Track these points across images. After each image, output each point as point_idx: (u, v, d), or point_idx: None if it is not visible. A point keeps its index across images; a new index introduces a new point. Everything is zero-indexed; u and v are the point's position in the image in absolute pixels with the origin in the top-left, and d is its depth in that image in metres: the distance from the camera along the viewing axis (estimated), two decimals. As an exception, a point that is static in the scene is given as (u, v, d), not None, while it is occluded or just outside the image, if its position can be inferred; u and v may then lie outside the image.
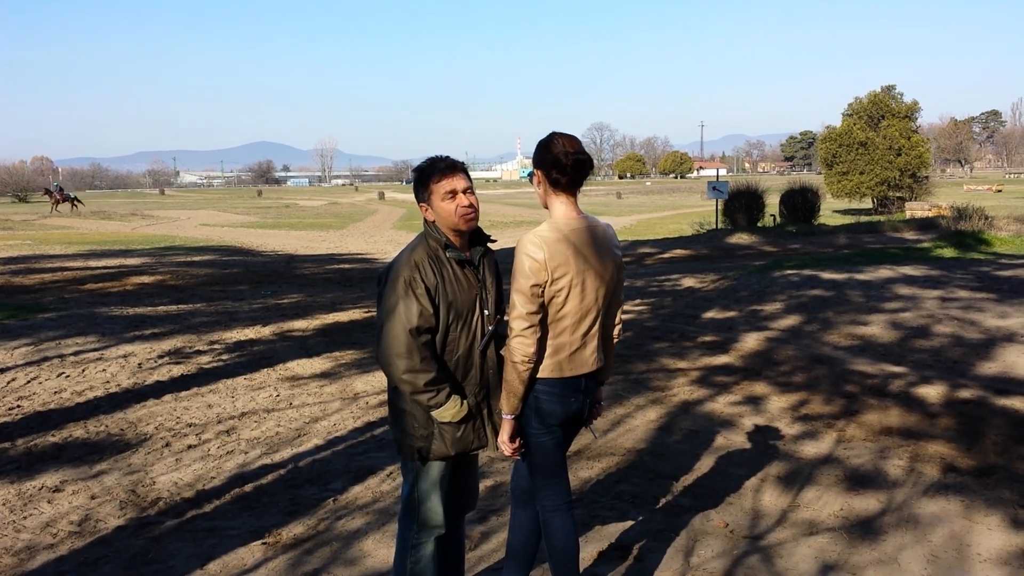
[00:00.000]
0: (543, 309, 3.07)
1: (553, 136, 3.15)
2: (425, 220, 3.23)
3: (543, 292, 3.05)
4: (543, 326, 3.10)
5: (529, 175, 3.24)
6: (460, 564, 3.65)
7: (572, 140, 3.13)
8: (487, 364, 3.25)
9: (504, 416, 3.17)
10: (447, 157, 3.23)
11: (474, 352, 3.21)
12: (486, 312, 3.23)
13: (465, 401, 3.18)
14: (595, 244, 3.16)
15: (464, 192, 3.17)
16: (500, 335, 3.27)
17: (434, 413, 3.13)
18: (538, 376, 3.15)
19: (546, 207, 3.20)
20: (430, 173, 3.18)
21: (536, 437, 3.23)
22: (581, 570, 3.53)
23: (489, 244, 3.36)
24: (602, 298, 3.20)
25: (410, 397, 3.13)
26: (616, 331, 3.43)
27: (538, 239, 3.05)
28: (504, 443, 3.21)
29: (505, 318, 3.19)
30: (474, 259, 3.24)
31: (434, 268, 3.12)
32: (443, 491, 3.31)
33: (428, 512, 3.29)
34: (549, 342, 3.14)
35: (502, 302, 3.34)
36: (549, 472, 3.30)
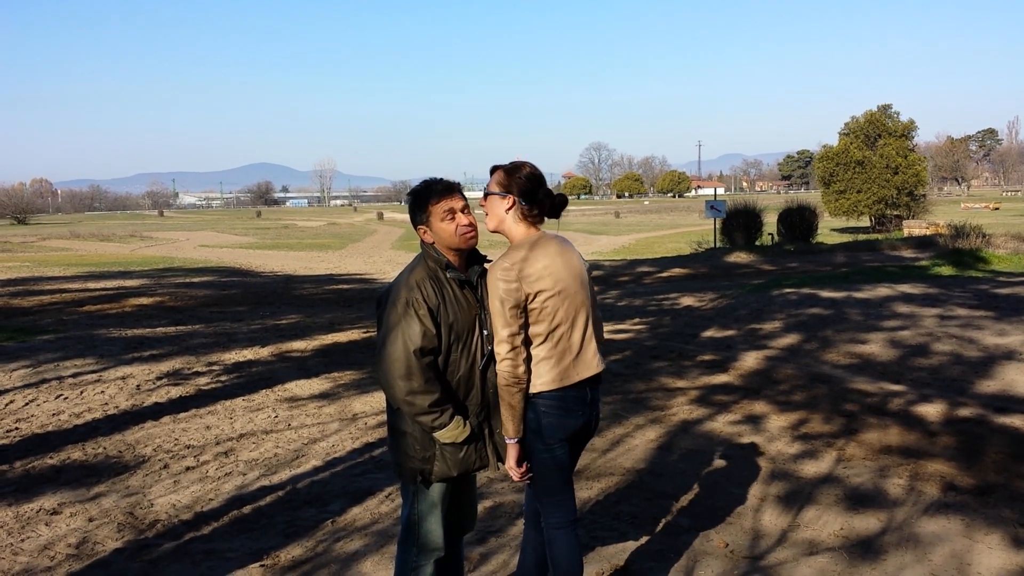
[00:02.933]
0: (523, 330, 3.08)
1: (524, 165, 3.21)
2: (423, 242, 3.24)
3: (523, 312, 3.07)
4: (527, 347, 3.11)
5: (485, 195, 3.25)
6: None
7: (539, 173, 3.22)
8: (487, 384, 3.24)
9: (508, 441, 3.16)
10: (442, 179, 3.25)
11: (474, 373, 3.19)
12: (485, 332, 3.21)
13: (467, 422, 3.17)
14: (561, 250, 3.21)
15: (462, 211, 3.18)
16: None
17: (437, 435, 3.11)
18: (543, 389, 3.14)
19: (496, 231, 3.24)
20: (428, 195, 3.19)
21: (540, 453, 3.21)
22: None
23: (486, 264, 3.35)
24: (587, 297, 3.26)
25: (413, 419, 3.11)
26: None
27: (507, 263, 3.08)
28: (512, 468, 3.20)
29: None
30: (472, 279, 3.24)
31: (435, 288, 3.11)
32: (443, 513, 3.29)
33: (428, 535, 3.28)
34: (550, 352, 3.13)
35: None
36: (555, 489, 3.28)
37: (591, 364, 3.24)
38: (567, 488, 3.31)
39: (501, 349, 3.06)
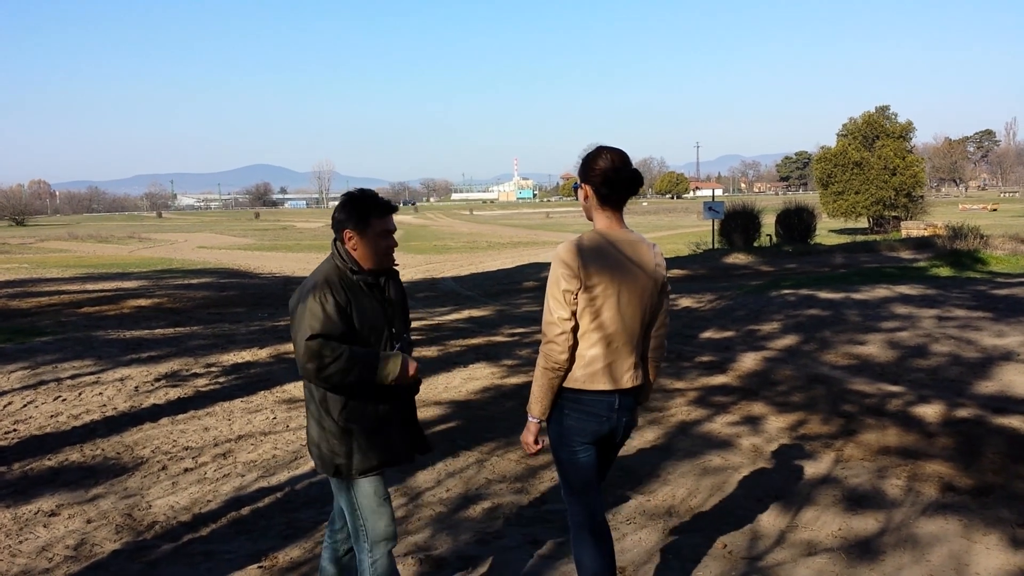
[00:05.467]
0: (575, 317, 3.05)
1: (600, 150, 3.15)
2: (336, 243, 3.32)
3: (576, 299, 3.03)
4: (575, 335, 3.07)
5: (575, 188, 3.23)
6: None
7: (620, 154, 3.14)
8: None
9: (530, 419, 3.18)
10: (378, 196, 3.34)
11: None
12: (394, 330, 3.35)
13: (400, 355, 3.24)
14: (635, 259, 3.12)
15: (393, 234, 3.33)
16: (407, 351, 3.42)
17: (379, 375, 3.17)
18: (570, 387, 3.11)
19: (590, 219, 3.21)
20: (372, 208, 3.27)
21: (564, 455, 3.20)
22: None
23: (393, 270, 3.46)
24: (640, 314, 3.13)
25: (346, 383, 3.16)
26: (655, 353, 3.34)
27: (573, 246, 3.05)
28: (527, 443, 3.22)
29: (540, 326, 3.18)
30: (380, 282, 3.36)
31: (343, 287, 3.22)
32: (386, 501, 3.35)
33: (375, 528, 3.32)
34: (583, 352, 3.09)
35: (407, 321, 3.50)
36: (578, 489, 3.24)
37: (622, 378, 3.14)
38: (589, 490, 3.25)
39: (550, 330, 3.05)
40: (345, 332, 3.16)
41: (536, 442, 3.21)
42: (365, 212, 3.26)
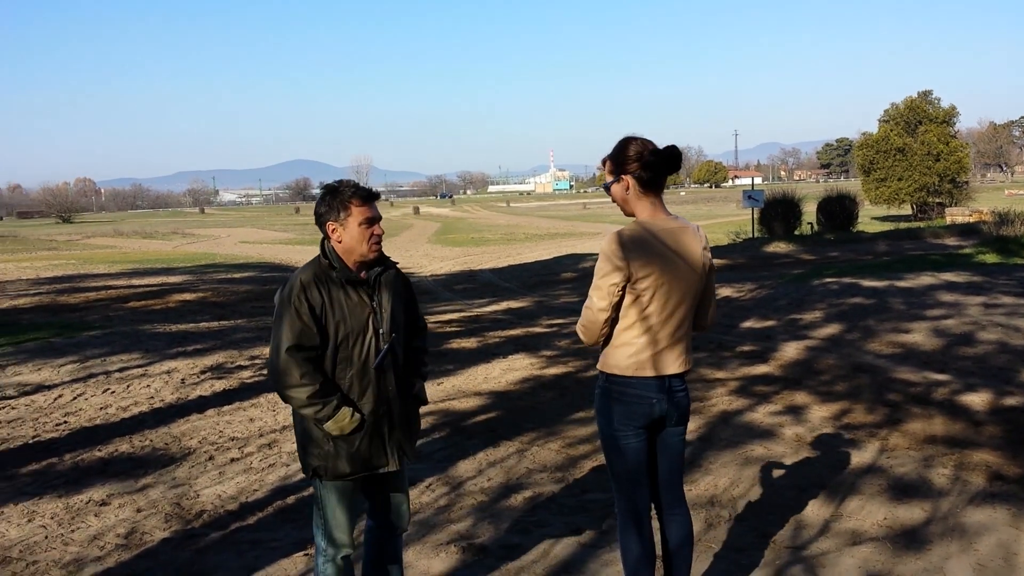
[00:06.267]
0: (614, 309, 3.06)
1: (627, 139, 3.14)
2: (323, 241, 3.28)
3: (622, 290, 3.03)
4: (613, 324, 3.10)
5: (606, 187, 3.20)
6: None
7: (648, 141, 3.13)
8: (386, 381, 3.28)
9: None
10: (358, 184, 3.29)
11: (368, 371, 3.23)
12: (380, 331, 3.26)
13: (357, 415, 3.20)
14: (683, 245, 3.11)
15: (378, 222, 3.26)
16: (396, 352, 3.31)
17: (326, 426, 3.16)
18: (617, 373, 3.12)
19: (630, 215, 3.18)
20: (351, 196, 3.22)
21: (612, 441, 3.20)
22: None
23: (390, 265, 3.40)
24: (689, 300, 3.14)
25: (299, 411, 3.19)
26: (700, 326, 3.32)
27: (621, 238, 3.05)
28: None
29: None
30: (369, 279, 3.29)
31: (321, 289, 3.17)
32: (349, 511, 3.37)
33: (333, 531, 3.36)
34: (631, 340, 3.09)
35: (400, 320, 3.36)
36: (628, 477, 3.23)
37: (675, 361, 3.14)
38: (638, 479, 3.24)
39: (586, 315, 3.10)
40: (319, 339, 3.15)
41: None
42: (345, 200, 3.20)
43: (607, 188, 3.21)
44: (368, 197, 3.25)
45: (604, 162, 3.23)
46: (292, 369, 3.10)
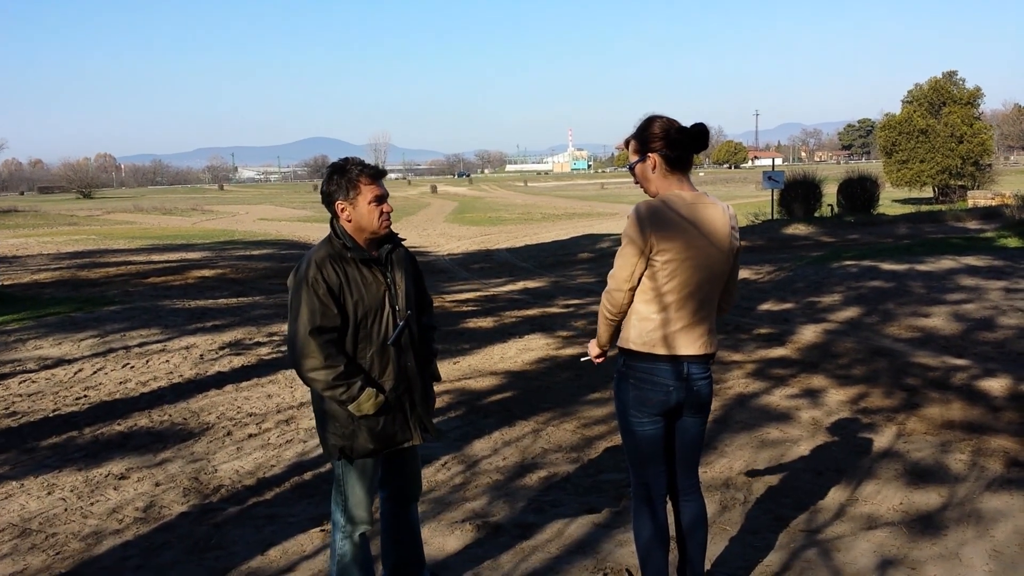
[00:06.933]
0: (638, 280, 3.04)
1: (651, 118, 3.11)
2: (332, 221, 3.30)
3: (646, 263, 3.00)
4: (633, 294, 3.07)
5: (631, 167, 3.15)
6: (417, 549, 3.73)
7: (673, 119, 3.10)
8: (405, 358, 3.31)
9: (592, 345, 3.32)
10: (364, 162, 3.31)
11: (387, 348, 3.25)
12: (396, 307, 3.28)
13: (381, 394, 3.22)
14: (708, 222, 3.05)
15: (386, 199, 3.28)
16: (412, 329, 3.35)
17: (350, 407, 3.17)
18: (633, 348, 3.08)
19: (655, 193, 3.12)
20: (359, 174, 3.23)
21: (629, 425, 3.19)
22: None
23: (398, 242, 3.42)
24: (712, 279, 3.09)
25: (323, 393, 3.19)
26: (721, 308, 3.28)
27: (646, 209, 3.01)
28: (592, 357, 3.35)
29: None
30: (381, 257, 3.31)
31: (336, 269, 3.18)
32: (369, 488, 3.39)
33: (353, 508, 3.38)
34: (654, 313, 3.04)
35: (412, 297, 3.39)
36: (640, 461, 3.23)
37: (695, 343, 3.08)
38: (652, 463, 3.23)
39: (610, 283, 3.09)
40: (340, 319, 3.17)
41: (598, 356, 3.32)
42: (354, 179, 3.22)
43: (631, 168, 3.16)
44: (376, 175, 3.26)
45: (627, 142, 3.18)
46: (315, 352, 3.11)
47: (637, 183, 3.18)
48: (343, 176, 3.23)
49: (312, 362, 3.11)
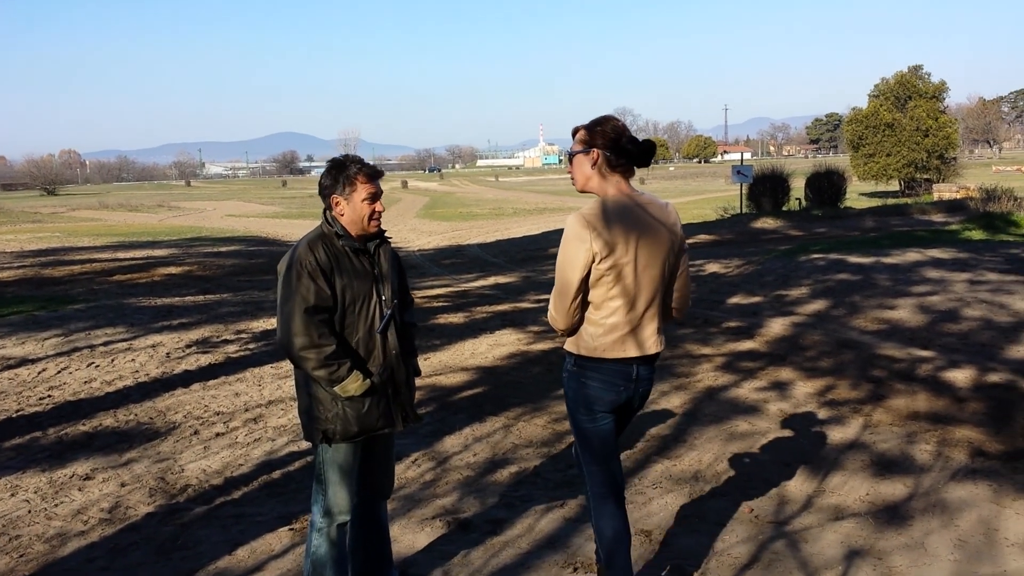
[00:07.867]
0: (583, 291, 3.02)
1: (610, 118, 3.11)
2: (325, 211, 3.37)
3: (588, 271, 2.98)
4: (583, 307, 3.06)
5: (570, 155, 3.13)
6: (385, 547, 3.75)
7: (627, 128, 3.11)
8: (388, 346, 3.38)
9: None
10: (363, 161, 3.39)
11: (373, 336, 3.34)
12: (383, 297, 3.37)
13: (368, 380, 3.28)
14: (649, 222, 3.03)
15: (380, 198, 3.37)
16: (397, 319, 3.43)
17: (337, 388, 3.23)
18: (589, 356, 3.08)
19: (584, 190, 3.12)
20: (357, 172, 3.32)
21: (582, 423, 3.20)
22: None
23: (386, 239, 3.50)
24: (658, 278, 3.07)
25: (312, 373, 3.22)
26: (679, 304, 3.28)
27: (583, 220, 2.97)
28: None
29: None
30: (369, 249, 3.40)
31: (328, 254, 3.26)
32: (351, 479, 3.40)
33: (333, 498, 3.39)
34: (602, 321, 3.04)
35: (398, 289, 3.49)
36: (598, 458, 3.24)
37: (644, 344, 3.10)
38: (610, 457, 3.26)
39: (552, 302, 3.08)
40: (332, 300, 3.23)
41: None
42: (352, 176, 3.31)
43: (571, 156, 3.13)
44: (374, 175, 3.36)
45: (576, 131, 3.16)
46: (310, 330, 3.17)
47: (571, 175, 3.17)
48: (341, 172, 3.33)
49: (303, 340, 3.17)
